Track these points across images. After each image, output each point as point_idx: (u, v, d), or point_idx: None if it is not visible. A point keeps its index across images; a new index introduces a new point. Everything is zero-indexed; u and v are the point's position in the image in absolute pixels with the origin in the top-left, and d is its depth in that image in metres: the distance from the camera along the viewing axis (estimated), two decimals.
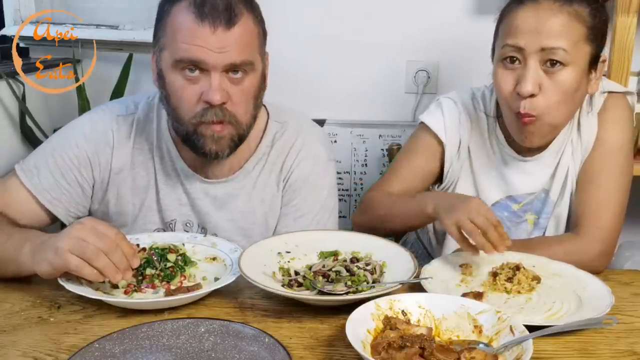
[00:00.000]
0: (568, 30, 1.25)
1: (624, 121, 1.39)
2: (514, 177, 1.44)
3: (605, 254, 1.32)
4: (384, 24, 2.27)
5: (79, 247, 1.05)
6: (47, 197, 1.31)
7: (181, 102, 1.23)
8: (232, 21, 1.18)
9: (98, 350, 0.91)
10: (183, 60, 1.19)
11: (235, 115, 1.23)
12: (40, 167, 1.31)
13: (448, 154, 1.47)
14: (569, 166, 1.41)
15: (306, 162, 1.39)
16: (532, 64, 1.26)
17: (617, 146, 1.37)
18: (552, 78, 1.26)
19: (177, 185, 1.36)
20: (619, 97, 1.41)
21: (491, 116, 1.46)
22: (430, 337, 0.94)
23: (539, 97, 1.26)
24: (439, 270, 1.22)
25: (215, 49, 1.18)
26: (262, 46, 1.28)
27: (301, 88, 2.33)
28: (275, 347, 0.91)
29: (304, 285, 1.12)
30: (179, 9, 1.20)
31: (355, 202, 2.41)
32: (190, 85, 1.21)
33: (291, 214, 1.39)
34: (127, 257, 1.08)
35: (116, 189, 1.36)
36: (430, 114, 1.50)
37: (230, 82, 1.22)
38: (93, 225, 1.08)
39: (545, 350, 0.98)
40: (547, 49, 1.24)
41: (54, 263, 1.07)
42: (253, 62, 1.23)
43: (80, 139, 1.33)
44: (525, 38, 1.25)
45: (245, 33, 1.21)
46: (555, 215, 1.44)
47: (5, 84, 2.05)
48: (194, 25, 1.17)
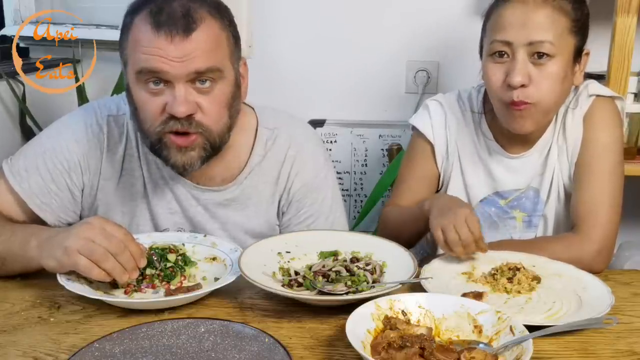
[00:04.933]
0: (553, 22, 1.30)
1: (611, 123, 1.41)
2: (501, 173, 1.48)
3: (603, 252, 1.32)
4: (384, 24, 2.27)
5: (87, 248, 1.05)
6: (37, 201, 1.27)
7: (145, 115, 1.18)
8: (190, 28, 1.13)
9: (98, 350, 0.91)
10: (143, 72, 1.15)
11: (205, 125, 1.18)
12: (30, 171, 1.27)
13: (438, 153, 1.51)
14: (554, 167, 1.44)
15: (305, 170, 1.36)
16: (521, 57, 1.30)
17: (607, 146, 1.39)
18: (540, 69, 1.31)
19: (167, 192, 1.33)
20: (606, 100, 1.42)
21: (477, 113, 1.50)
22: (430, 337, 0.94)
23: (530, 87, 1.31)
24: (439, 270, 1.22)
25: (175, 59, 1.13)
26: (233, 52, 1.22)
27: (301, 88, 2.33)
28: (275, 347, 0.91)
29: (304, 285, 1.12)
30: (139, 19, 1.16)
31: (355, 202, 2.41)
32: (154, 98, 1.16)
33: (304, 221, 1.37)
34: (134, 257, 1.08)
35: (105, 196, 1.32)
36: (417, 117, 1.55)
37: (198, 93, 1.17)
38: (102, 226, 1.08)
39: (545, 350, 0.98)
40: (535, 42, 1.29)
41: (62, 262, 1.07)
42: (220, 69, 1.17)
43: (72, 142, 1.29)
44: (512, 33, 1.30)
45: (208, 39, 1.15)
46: (543, 215, 1.47)
47: (5, 84, 2.06)
48: (151, 35, 1.13)
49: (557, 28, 1.30)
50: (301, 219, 1.37)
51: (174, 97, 1.15)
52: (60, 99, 2.27)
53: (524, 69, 1.30)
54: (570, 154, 1.43)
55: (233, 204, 1.35)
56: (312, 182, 1.37)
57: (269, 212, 1.37)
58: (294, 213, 1.37)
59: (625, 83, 1.90)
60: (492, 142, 1.47)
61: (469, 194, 1.50)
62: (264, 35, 2.27)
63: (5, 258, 1.17)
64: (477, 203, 1.50)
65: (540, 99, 1.32)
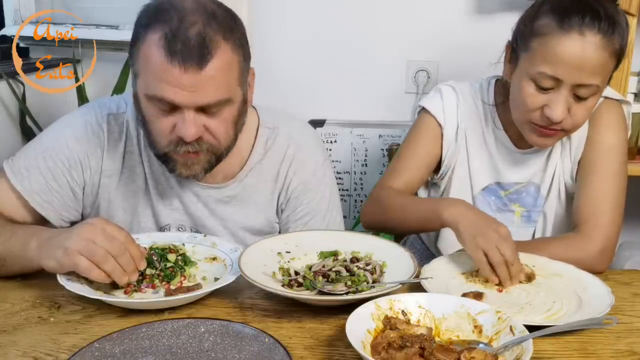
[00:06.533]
0: (605, 67, 1.26)
1: (617, 125, 1.41)
2: (504, 164, 1.48)
3: (605, 253, 1.32)
4: (384, 24, 2.27)
5: (88, 249, 1.05)
6: (38, 200, 1.28)
7: (155, 129, 1.19)
8: (204, 59, 1.11)
9: (98, 350, 0.91)
10: (155, 98, 1.15)
11: (212, 143, 1.20)
12: (31, 169, 1.27)
13: (446, 137, 1.49)
14: (557, 164, 1.45)
15: (303, 169, 1.38)
16: (565, 93, 1.27)
17: (612, 147, 1.39)
18: (580, 103, 1.29)
19: (169, 189, 1.34)
20: (613, 103, 1.43)
21: (489, 104, 1.49)
22: (430, 337, 0.94)
23: (566, 119, 1.29)
24: (439, 270, 1.22)
25: (186, 89, 1.12)
26: (242, 74, 1.21)
27: (301, 88, 2.33)
28: (275, 347, 0.91)
29: (304, 285, 1.12)
30: (152, 39, 1.12)
31: (355, 202, 2.41)
32: (163, 118, 1.17)
33: (301, 219, 1.38)
34: (134, 259, 1.09)
35: (107, 194, 1.33)
36: (429, 99, 1.52)
37: (206, 116, 1.17)
38: (103, 227, 1.08)
39: (545, 350, 0.98)
40: (584, 85, 1.26)
41: (63, 262, 1.07)
42: (230, 98, 1.17)
43: (72, 140, 1.29)
44: (565, 72, 1.25)
45: (221, 68, 1.13)
46: (543, 211, 1.48)
47: (5, 84, 2.06)
48: (164, 62, 1.10)
49: (606, 71, 1.27)
50: (298, 216, 1.38)
51: (183, 120, 1.15)
52: (60, 99, 2.27)
53: (566, 105, 1.28)
54: (573, 152, 1.43)
55: (233, 201, 1.36)
56: (309, 180, 1.38)
57: (268, 209, 1.38)
58: (291, 210, 1.39)
59: (625, 83, 1.91)
60: (502, 132, 1.47)
61: (472, 181, 1.50)
62: (264, 35, 2.27)
63: (5, 259, 1.17)
64: (479, 191, 1.50)
65: (572, 127, 1.33)
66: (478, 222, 1.21)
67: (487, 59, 1.44)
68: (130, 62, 1.21)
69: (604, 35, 1.23)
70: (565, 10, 1.25)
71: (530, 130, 1.35)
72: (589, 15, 1.23)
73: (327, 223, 1.40)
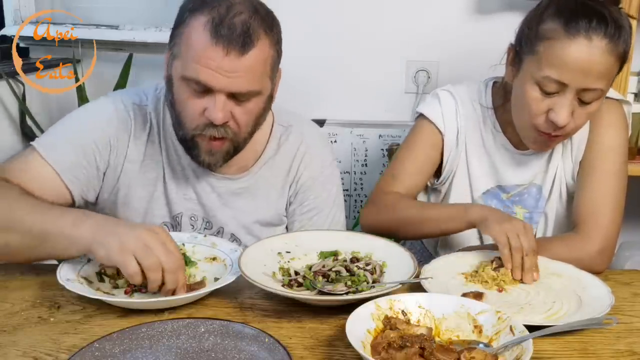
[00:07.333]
0: (610, 71, 1.26)
1: (618, 125, 1.41)
2: (505, 166, 1.48)
3: (605, 253, 1.32)
4: (384, 24, 2.27)
5: (144, 254, 1.05)
6: (68, 176, 1.28)
7: (185, 111, 1.23)
8: (247, 47, 1.17)
9: (98, 350, 0.91)
10: (191, 80, 1.19)
11: (235, 131, 1.25)
12: (60, 145, 1.29)
13: (447, 142, 1.49)
14: (558, 165, 1.45)
15: (313, 165, 1.43)
16: (570, 97, 1.27)
17: (612, 148, 1.39)
18: (584, 107, 1.29)
19: (184, 179, 1.37)
20: (613, 103, 1.43)
21: (487, 107, 1.49)
22: (430, 337, 0.94)
23: (570, 123, 1.29)
24: (439, 270, 1.22)
25: (224, 73, 1.17)
26: (274, 68, 1.28)
27: (301, 88, 2.32)
28: (275, 347, 0.91)
29: (304, 285, 1.12)
30: (197, 23, 1.18)
31: (355, 202, 2.41)
32: (195, 99, 1.21)
33: (306, 213, 1.43)
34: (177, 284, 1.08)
35: (128, 179, 1.35)
36: (427, 105, 1.52)
37: (235, 103, 1.22)
38: (164, 240, 1.08)
39: (545, 350, 0.98)
40: (590, 89, 1.25)
41: (112, 256, 1.05)
42: (260, 91, 1.23)
43: (104, 122, 1.32)
44: (571, 76, 1.24)
45: (259, 59, 1.20)
46: (544, 212, 1.49)
47: (5, 84, 2.06)
48: (207, 45, 1.16)
49: (611, 75, 1.27)
50: (304, 210, 1.43)
51: (214, 103, 1.20)
52: (60, 99, 2.27)
53: (570, 110, 1.27)
54: (574, 153, 1.44)
55: (245, 193, 1.40)
56: (318, 176, 1.44)
57: (278, 203, 1.43)
58: (298, 204, 1.44)
59: (625, 83, 1.90)
60: (501, 134, 1.47)
61: (472, 185, 1.50)
62: None
63: (46, 239, 1.11)
64: (479, 195, 1.50)
65: (573, 131, 1.33)
66: (507, 216, 1.27)
67: (487, 59, 1.44)
68: (170, 44, 1.25)
69: (610, 39, 1.22)
70: (571, 14, 1.24)
71: (533, 137, 1.35)
72: (596, 20, 1.22)
73: (330, 220, 1.44)
